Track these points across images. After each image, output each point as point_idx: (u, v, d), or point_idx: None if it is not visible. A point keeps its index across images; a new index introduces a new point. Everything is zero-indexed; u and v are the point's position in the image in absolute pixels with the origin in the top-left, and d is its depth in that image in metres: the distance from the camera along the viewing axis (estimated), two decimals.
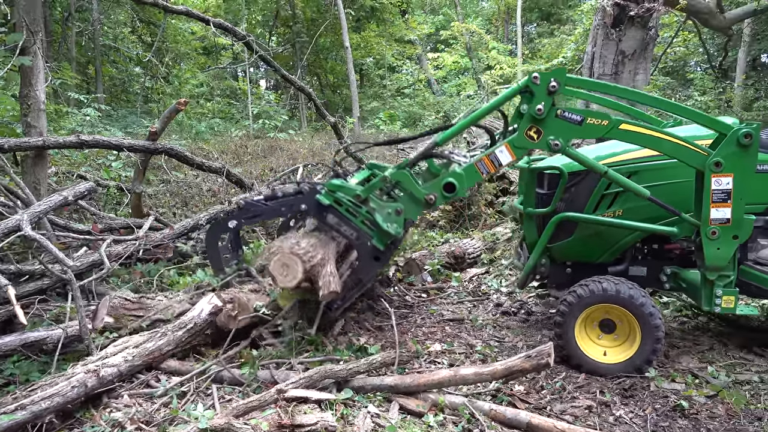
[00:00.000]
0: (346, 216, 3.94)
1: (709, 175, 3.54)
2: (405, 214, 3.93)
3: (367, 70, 26.32)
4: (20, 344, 3.82)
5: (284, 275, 3.69)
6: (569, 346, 3.92)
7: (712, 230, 3.60)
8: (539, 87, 3.62)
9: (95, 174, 8.74)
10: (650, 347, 3.77)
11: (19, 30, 5.54)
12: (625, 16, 9.88)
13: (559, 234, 4.22)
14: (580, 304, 3.87)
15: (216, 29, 9.00)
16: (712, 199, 3.56)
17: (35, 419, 2.96)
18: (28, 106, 5.89)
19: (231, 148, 13.25)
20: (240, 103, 22.13)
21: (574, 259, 4.38)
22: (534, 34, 29.42)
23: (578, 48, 16.94)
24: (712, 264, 3.69)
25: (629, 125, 3.64)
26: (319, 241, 3.96)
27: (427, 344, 4.39)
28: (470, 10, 30.16)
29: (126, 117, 16.52)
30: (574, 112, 3.66)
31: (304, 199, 4.02)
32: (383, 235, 3.93)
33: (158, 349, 3.60)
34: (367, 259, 4.02)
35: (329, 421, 2.91)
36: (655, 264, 4.28)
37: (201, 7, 22.93)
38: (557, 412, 3.43)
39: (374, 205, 3.94)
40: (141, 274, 5.49)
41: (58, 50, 17.36)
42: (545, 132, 3.67)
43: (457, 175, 3.84)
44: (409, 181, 3.91)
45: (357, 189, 3.95)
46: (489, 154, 3.81)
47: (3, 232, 4.06)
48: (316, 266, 3.74)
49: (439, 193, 3.88)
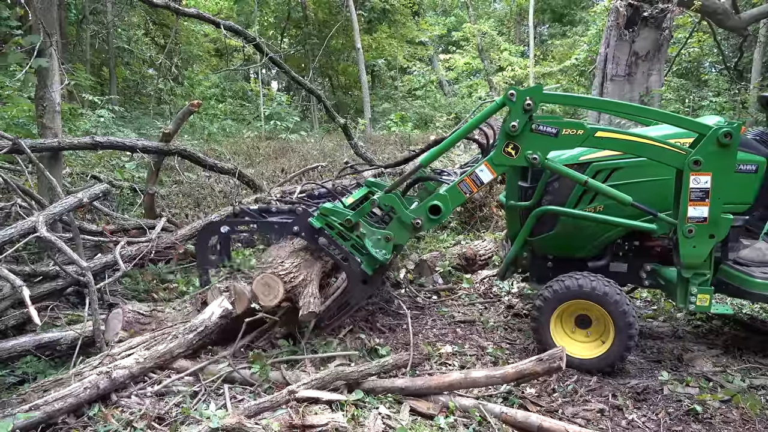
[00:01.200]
0: (336, 240, 4.03)
1: (688, 173, 3.54)
2: (394, 240, 4.02)
3: (378, 71, 26.35)
4: (34, 345, 3.87)
5: (266, 294, 3.85)
6: (545, 340, 3.97)
7: (689, 228, 3.60)
8: (515, 104, 3.66)
9: (109, 175, 8.82)
10: (623, 344, 3.80)
11: (36, 32, 5.60)
12: (639, 17, 9.82)
13: (541, 228, 4.27)
14: (556, 299, 3.93)
15: (226, 31, 9.05)
16: (690, 198, 3.56)
17: (49, 419, 3.00)
18: (44, 108, 5.95)
19: (243, 149, 13.32)
20: (252, 105, 22.25)
21: (555, 253, 4.41)
22: (546, 35, 29.31)
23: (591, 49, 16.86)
24: (687, 262, 3.70)
25: (605, 132, 3.69)
26: (304, 261, 4.09)
27: (437, 346, 4.38)
28: (482, 11, 30.11)
29: (139, 118, 16.66)
30: (550, 125, 3.70)
31: (297, 221, 4.10)
32: (372, 260, 4.01)
33: (169, 351, 3.62)
34: (356, 283, 4.10)
35: (340, 422, 2.92)
36: (636, 260, 4.28)
37: (213, 9, 23.07)
38: (569, 416, 3.41)
39: (364, 231, 4.03)
40: (152, 276, 5.53)
41: (73, 52, 17.54)
42: (522, 147, 3.72)
43: (441, 197, 3.92)
44: (397, 204, 4.00)
45: (348, 213, 4.03)
46: (470, 173, 3.88)
47: (19, 234, 4.10)
48: (298, 287, 3.89)
49: (425, 216, 3.96)
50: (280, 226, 4.17)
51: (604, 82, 10.39)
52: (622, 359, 3.88)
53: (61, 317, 4.54)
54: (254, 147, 13.65)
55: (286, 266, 3.93)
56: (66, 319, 4.48)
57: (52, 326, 4.26)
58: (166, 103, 19.18)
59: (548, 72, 20.63)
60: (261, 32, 21.76)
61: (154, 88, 19.46)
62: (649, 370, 4.06)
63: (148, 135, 13.44)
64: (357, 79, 22.19)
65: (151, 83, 19.93)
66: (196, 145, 11.92)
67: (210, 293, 4.19)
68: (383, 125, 19.79)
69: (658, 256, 4.24)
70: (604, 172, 4.05)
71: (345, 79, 27.02)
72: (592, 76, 13.64)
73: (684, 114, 10.99)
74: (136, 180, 8.70)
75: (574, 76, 18.82)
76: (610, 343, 3.85)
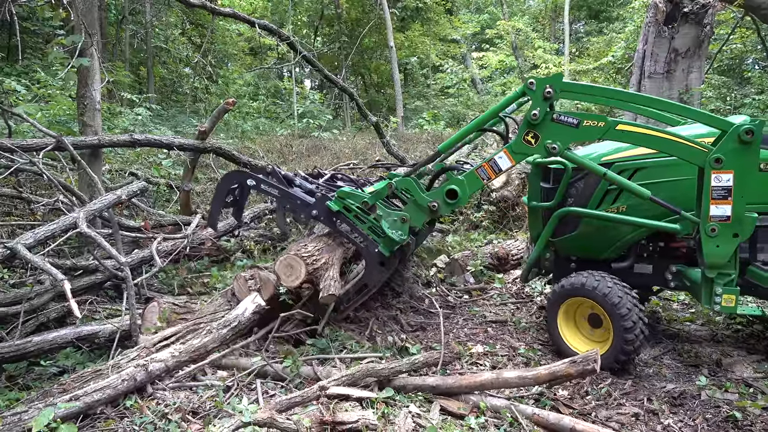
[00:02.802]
0: (354, 222, 4.07)
1: (709, 171, 3.47)
2: (410, 221, 4.04)
3: (411, 69, 26.28)
4: (74, 337, 3.99)
5: (288, 275, 3.95)
6: (553, 335, 4.12)
7: (712, 227, 3.52)
8: (535, 93, 3.67)
9: (146, 172, 9.01)
10: (620, 345, 3.79)
11: (78, 32, 5.75)
12: (679, 13, 9.58)
13: (563, 228, 4.26)
14: (560, 296, 4.03)
15: (261, 30, 9.15)
16: (712, 196, 3.49)
17: (88, 409, 3.09)
18: (85, 106, 6.12)
19: (276, 147, 13.45)
20: (285, 103, 22.45)
21: (578, 254, 4.39)
22: (582, 32, 28.82)
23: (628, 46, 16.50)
24: (711, 261, 3.61)
25: (626, 126, 3.65)
26: (326, 245, 4.17)
27: (468, 345, 4.36)
28: (516, 8, 29.75)
29: (175, 116, 16.97)
30: (571, 115, 3.68)
31: (316, 205, 4.14)
32: (389, 241, 4.04)
33: (204, 346, 3.69)
34: (373, 265, 4.14)
35: (370, 420, 2.93)
36: (661, 262, 4.20)
37: (248, 8, 23.33)
38: (602, 419, 3.35)
39: (381, 213, 4.07)
40: (187, 271, 5.64)
41: (113, 52, 17.96)
42: (542, 136, 3.72)
43: (458, 181, 3.94)
44: (414, 188, 4.03)
45: (365, 196, 4.08)
46: (489, 160, 3.89)
47: (61, 229, 4.23)
48: (319, 269, 3.97)
49: (441, 200, 3.98)
50: (300, 205, 4.20)
51: (641, 79, 10.16)
52: (628, 358, 3.84)
53: (100, 311, 4.67)
54: (287, 145, 13.78)
55: (309, 249, 4.02)
56: (104, 313, 4.60)
57: (91, 319, 4.39)
58: (202, 101, 19.49)
59: (583, 69, 20.29)
60: (294, 31, 21.95)
61: (190, 86, 19.80)
62: (686, 374, 3.97)
63: (184, 133, 13.69)
64: (389, 77, 22.18)
65: (187, 82, 20.28)
66: (231, 143, 12.09)
67: (235, 282, 4.25)
68: (415, 123, 19.75)
69: (684, 257, 4.15)
70: (626, 172, 3.99)
71: (377, 77, 27.03)
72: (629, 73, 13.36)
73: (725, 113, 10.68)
74: (172, 177, 8.87)
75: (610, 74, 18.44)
76: (610, 343, 3.85)
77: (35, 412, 2.87)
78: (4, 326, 4.20)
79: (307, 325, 4.23)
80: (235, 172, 4.59)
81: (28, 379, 3.81)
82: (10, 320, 4.26)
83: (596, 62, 19.16)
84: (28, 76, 10.85)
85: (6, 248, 3.82)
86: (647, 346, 4.39)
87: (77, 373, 3.46)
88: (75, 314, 3.39)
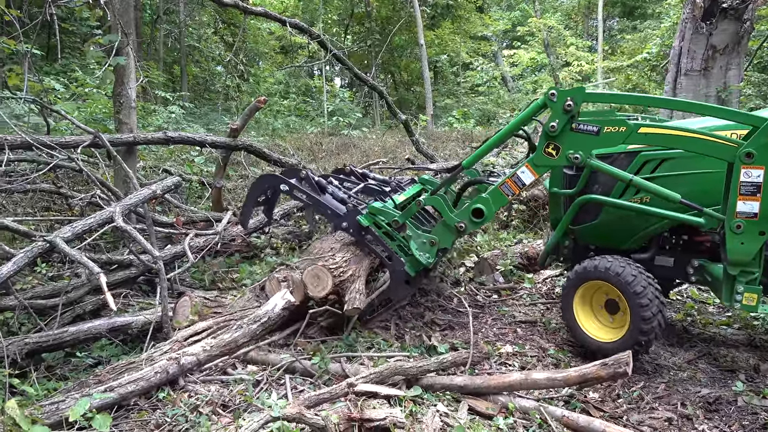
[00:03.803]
0: (383, 239, 4.11)
1: (739, 166, 3.36)
2: (439, 244, 4.08)
3: (441, 67, 26.18)
4: (108, 328, 4.09)
5: (315, 285, 4.02)
6: (569, 320, 4.09)
7: (737, 224, 3.42)
8: (556, 104, 3.64)
9: (179, 169, 9.16)
10: (638, 329, 3.73)
11: (114, 31, 5.88)
12: (717, 8, 9.32)
13: (584, 216, 4.21)
14: (577, 279, 4.00)
15: (292, 29, 9.21)
16: (740, 192, 3.39)
17: (122, 400, 3.17)
18: (121, 104, 6.25)
19: (306, 144, 13.55)
20: (315, 101, 22.59)
21: (598, 243, 4.34)
22: (616, 29, 28.30)
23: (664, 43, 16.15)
24: (734, 258, 3.52)
25: (648, 128, 3.58)
26: (354, 256, 4.21)
27: (497, 345, 4.33)
28: (548, 5, 29.36)
29: (208, 114, 17.22)
30: (591, 123, 3.62)
31: (346, 217, 4.18)
32: (416, 263, 4.06)
33: (234, 341, 3.74)
34: (398, 282, 4.16)
35: (398, 417, 2.93)
36: (683, 255, 4.11)
37: (279, 7, 23.52)
38: (634, 423, 3.29)
39: (411, 233, 4.12)
40: (218, 266, 5.72)
41: (147, 51, 18.31)
42: (563, 147, 3.69)
43: (483, 200, 3.95)
44: (442, 207, 4.05)
45: (395, 214, 4.12)
46: (512, 176, 3.89)
47: (98, 223, 4.34)
48: (346, 282, 4.03)
49: (468, 220, 3.99)
50: (332, 212, 4.25)
51: (677, 77, 9.92)
52: (642, 346, 3.78)
53: (133, 304, 4.77)
54: (317, 143, 13.87)
55: (337, 260, 4.07)
56: (137, 306, 4.70)
57: (125, 312, 4.48)
58: (233, 99, 19.74)
59: (617, 67, 19.94)
60: (325, 29, 22.05)
61: (222, 84, 20.06)
62: (721, 379, 3.87)
63: (216, 130, 13.88)
64: (419, 75, 22.14)
65: (219, 80, 20.55)
66: (262, 141, 12.22)
67: (269, 283, 4.32)
68: (445, 122, 19.68)
69: (707, 251, 4.06)
70: (652, 162, 3.94)
71: (407, 75, 27.00)
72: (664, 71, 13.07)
73: None
74: (204, 174, 9.00)
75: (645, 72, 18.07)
76: (627, 329, 3.80)
77: (72, 402, 2.94)
78: (43, 318, 4.32)
79: (332, 330, 4.26)
80: (270, 176, 4.65)
81: (65, 369, 3.92)
82: (48, 312, 4.38)
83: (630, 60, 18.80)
84: (66, 75, 11.12)
85: (46, 241, 3.92)
86: (674, 347, 4.32)
87: (112, 364, 3.55)
88: (111, 307, 3.47)
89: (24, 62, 5.63)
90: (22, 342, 3.76)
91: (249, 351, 3.82)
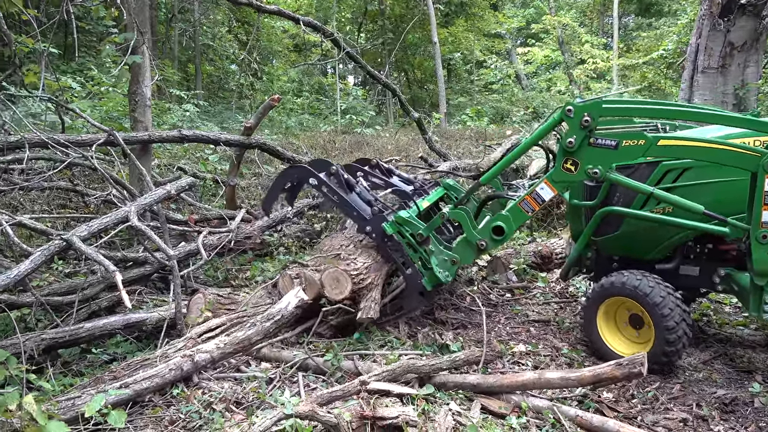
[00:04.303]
0: (405, 249, 4.12)
1: (763, 175, 3.31)
2: (459, 263, 4.11)
3: (454, 65, 26.10)
4: (123, 324, 4.13)
5: (333, 288, 4.04)
6: (592, 335, 4.03)
7: (763, 234, 3.37)
8: (573, 120, 3.61)
9: (193, 167, 9.22)
10: (662, 347, 3.68)
11: (130, 30, 5.92)
12: (735, 5, 9.19)
13: (605, 228, 4.16)
14: (600, 295, 3.96)
15: (305, 27, 9.22)
16: (765, 201, 3.34)
17: (137, 396, 3.20)
18: (136, 102, 6.30)
19: (319, 143, 13.56)
20: (328, 99, 22.61)
21: (621, 254, 4.27)
22: (631, 26, 28.04)
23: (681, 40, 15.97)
24: (760, 269, 3.46)
25: (668, 140, 3.55)
26: (375, 263, 4.22)
27: (510, 344, 4.31)
28: (563, 2, 29.16)
29: (222, 112, 17.30)
30: (609, 137, 3.58)
31: (371, 222, 4.17)
32: (434, 278, 4.08)
33: (248, 338, 3.76)
34: (414, 293, 4.18)
35: (410, 416, 2.93)
36: (709, 264, 4.04)
37: (293, 5, 23.60)
38: (648, 423, 3.27)
39: (433, 248, 4.13)
40: (231, 264, 5.75)
41: (162, 49, 18.44)
42: (582, 162, 3.67)
43: (504, 218, 3.96)
44: (465, 222, 4.06)
45: (420, 227, 4.12)
46: (531, 192, 3.89)
47: (113, 222, 4.38)
48: (364, 289, 4.05)
49: (489, 238, 4.01)
50: (357, 215, 4.24)
51: (694, 74, 9.80)
52: (669, 359, 3.74)
53: (147, 301, 4.81)
54: (330, 141, 13.89)
55: (358, 266, 4.09)
56: (152, 303, 4.74)
57: (139, 309, 4.52)
58: (247, 97, 19.82)
59: (632, 64, 19.77)
60: (338, 27, 22.08)
61: (236, 83, 20.15)
62: (738, 380, 3.82)
63: (230, 128, 13.95)
64: (433, 73, 22.09)
65: (233, 78, 20.64)
66: (275, 139, 12.26)
67: (281, 280, 4.33)
68: (458, 120, 19.62)
69: (733, 260, 3.99)
70: (674, 172, 3.87)
71: (421, 73, 26.94)
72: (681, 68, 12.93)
73: None
74: (218, 172, 9.05)
75: (661, 69, 17.89)
76: (651, 345, 3.75)
77: (88, 398, 2.97)
78: (59, 314, 4.37)
79: (344, 328, 4.27)
80: (300, 167, 4.56)
81: (81, 365, 3.96)
82: (64, 309, 4.43)
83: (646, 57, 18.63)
84: (82, 74, 11.23)
85: (62, 240, 3.96)
86: (690, 348, 4.27)
87: (127, 361, 3.58)
88: (126, 304, 3.50)
89: (41, 61, 5.69)
90: (39, 338, 3.80)
91: (262, 348, 3.84)
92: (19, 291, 4.34)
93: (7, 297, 4.08)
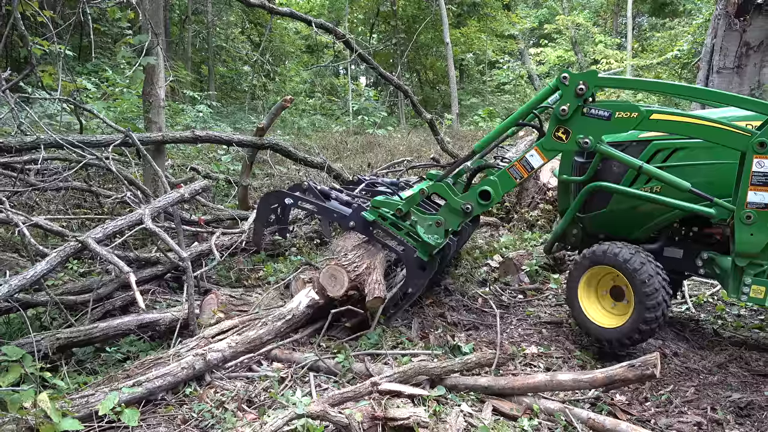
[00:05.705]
0: (390, 230, 4.13)
1: (751, 156, 3.31)
2: (445, 224, 4.06)
3: (467, 66, 26.08)
4: (137, 324, 4.15)
5: (332, 285, 4.02)
6: (572, 302, 4.09)
7: (747, 214, 3.37)
8: (567, 88, 3.61)
9: (206, 167, 9.28)
10: (641, 317, 3.69)
11: (145, 32, 5.98)
12: (752, 5, 9.09)
13: (593, 204, 4.19)
14: (583, 264, 3.99)
15: (317, 29, 9.26)
16: (752, 182, 3.33)
17: (150, 395, 3.22)
18: (150, 103, 6.35)
19: (331, 143, 13.60)
20: (340, 100, 22.67)
21: (607, 232, 4.29)
22: (645, 26, 27.82)
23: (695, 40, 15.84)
24: (743, 250, 3.47)
25: (660, 114, 3.55)
26: (367, 251, 4.21)
27: (522, 346, 4.29)
28: (576, 2, 29.01)
29: (234, 113, 17.41)
30: (602, 108, 3.59)
31: (352, 216, 4.22)
32: (426, 246, 4.06)
33: (259, 337, 3.78)
34: (414, 270, 4.19)
35: (422, 417, 2.92)
36: (693, 247, 4.04)
37: (305, 7, 23.70)
38: (662, 427, 3.24)
39: (416, 218, 4.11)
40: (243, 264, 5.77)
41: (176, 51, 18.59)
42: (573, 131, 3.66)
43: (491, 182, 3.94)
44: (446, 192, 4.05)
45: (398, 203, 4.11)
46: (521, 159, 3.87)
47: (128, 225, 4.43)
48: (362, 275, 4.01)
49: (475, 202, 3.99)
50: (338, 215, 4.33)
51: (709, 75, 9.71)
52: (641, 334, 3.75)
53: (161, 301, 4.85)
54: (342, 141, 13.92)
55: (350, 257, 4.09)
56: (165, 303, 4.77)
57: (153, 309, 4.56)
58: (260, 98, 19.93)
59: (646, 65, 19.61)
60: (350, 29, 22.13)
61: (248, 84, 20.26)
62: (754, 384, 3.78)
63: (242, 129, 14.03)
64: (445, 73, 22.07)
65: (246, 79, 20.76)
66: (287, 140, 12.30)
67: (294, 283, 4.36)
68: (471, 120, 19.59)
69: (717, 244, 3.99)
70: (664, 152, 3.88)
71: (433, 74, 26.92)
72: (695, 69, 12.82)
73: None
74: (231, 172, 9.10)
75: (675, 69, 17.74)
76: (629, 316, 3.77)
77: (101, 396, 3.00)
78: (74, 313, 4.41)
79: (355, 330, 4.26)
80: (273, 193, 4.83)
81: (95, 364, 3.99)
82: (79, 308, 4.47)
83: (661, 57, 18.48)
84: (97, 75, 11.35)
85: (78, 241, 4.00)
86: (704, 351, 4.23)
87: (140, 359, 3.60)
88: (140, 305, 3.53)
89: (58, 62, 5.76)
90: (53, 337, 3.84)
91: (273, 348, 3.85)
92: (34, 290, 4.38)
93: (22, 296, 4.11)
